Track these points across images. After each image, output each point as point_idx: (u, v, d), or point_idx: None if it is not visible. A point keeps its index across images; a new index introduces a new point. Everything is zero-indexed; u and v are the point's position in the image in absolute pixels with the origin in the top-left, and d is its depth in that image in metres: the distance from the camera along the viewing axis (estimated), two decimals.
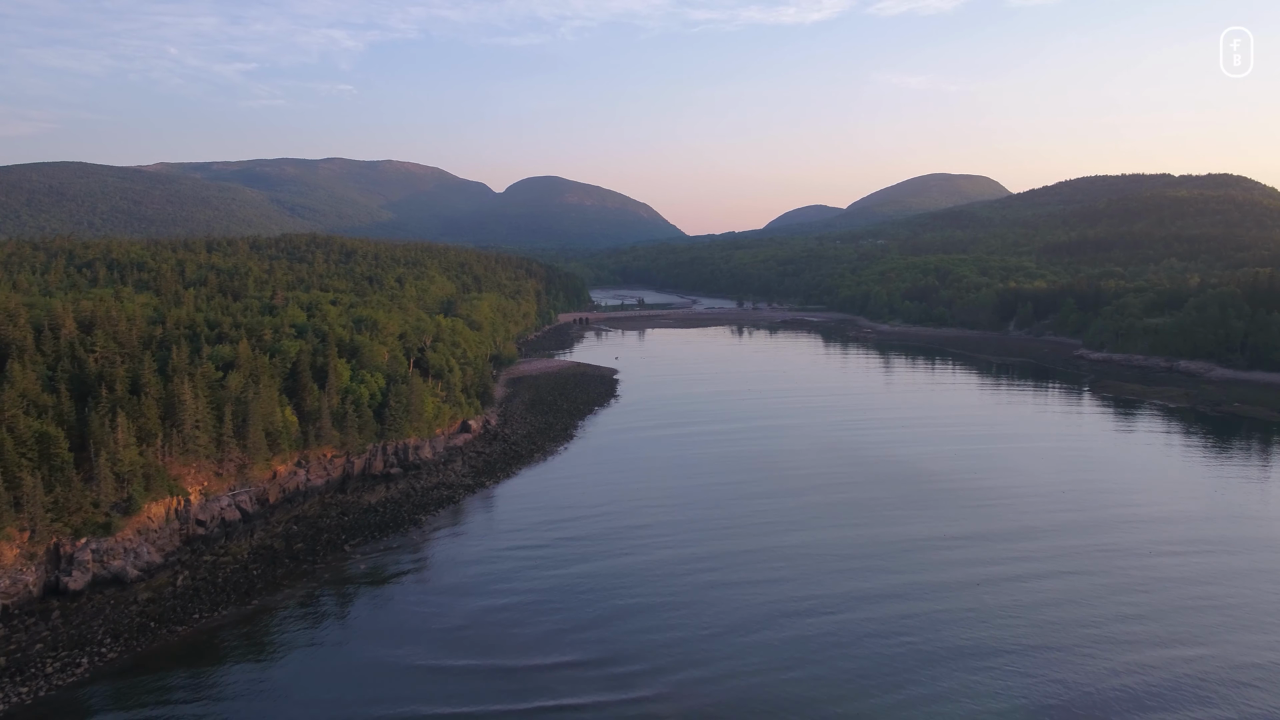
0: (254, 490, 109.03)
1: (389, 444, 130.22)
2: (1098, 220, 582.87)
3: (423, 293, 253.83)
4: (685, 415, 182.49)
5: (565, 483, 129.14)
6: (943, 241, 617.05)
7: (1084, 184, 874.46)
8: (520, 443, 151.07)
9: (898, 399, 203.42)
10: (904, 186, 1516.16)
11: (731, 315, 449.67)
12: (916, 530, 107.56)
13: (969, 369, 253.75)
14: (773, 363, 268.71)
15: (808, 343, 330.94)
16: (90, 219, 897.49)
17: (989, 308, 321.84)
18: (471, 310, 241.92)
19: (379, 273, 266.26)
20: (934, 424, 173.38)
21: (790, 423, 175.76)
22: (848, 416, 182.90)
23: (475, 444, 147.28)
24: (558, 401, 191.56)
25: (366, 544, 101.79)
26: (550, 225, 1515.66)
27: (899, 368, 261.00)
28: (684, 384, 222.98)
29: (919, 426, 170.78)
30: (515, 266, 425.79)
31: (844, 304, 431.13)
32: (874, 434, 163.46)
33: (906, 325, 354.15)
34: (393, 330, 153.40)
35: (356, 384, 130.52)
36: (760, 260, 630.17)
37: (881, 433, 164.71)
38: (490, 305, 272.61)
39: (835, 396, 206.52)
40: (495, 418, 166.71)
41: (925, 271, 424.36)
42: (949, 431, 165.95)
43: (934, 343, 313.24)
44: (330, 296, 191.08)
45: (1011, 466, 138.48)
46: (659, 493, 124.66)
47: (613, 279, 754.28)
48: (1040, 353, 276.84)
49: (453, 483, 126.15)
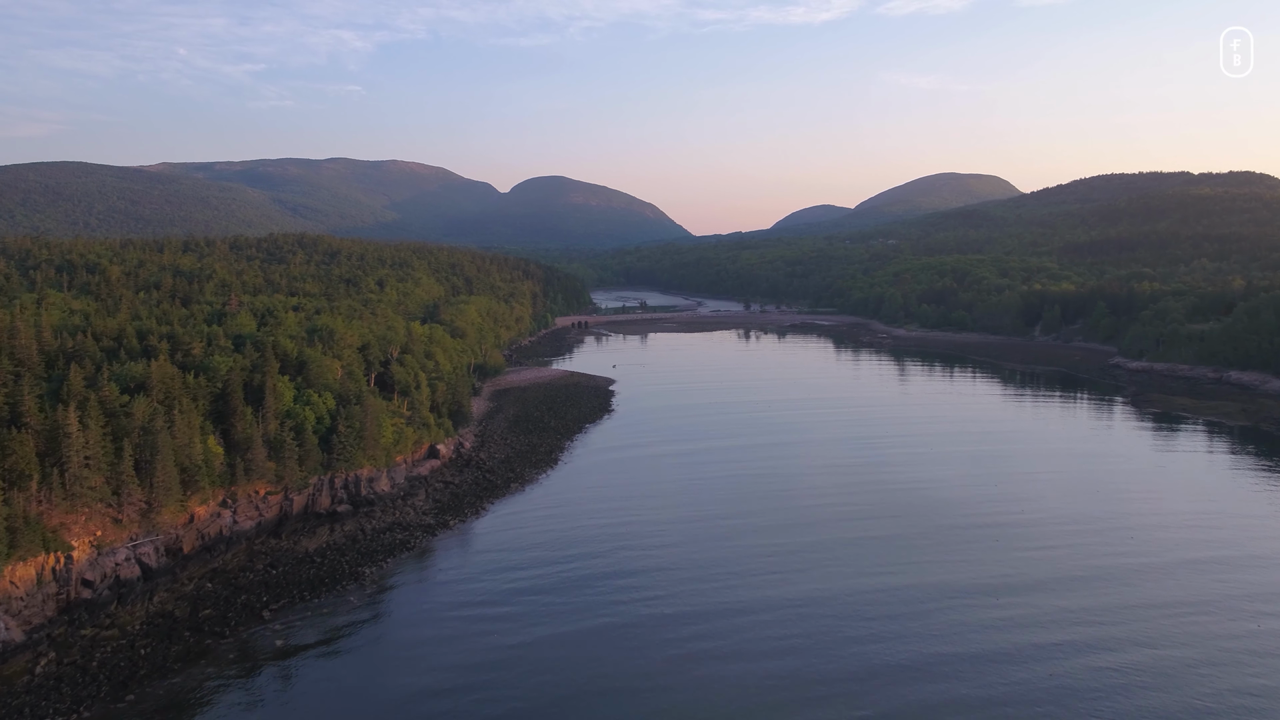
0: (162, 539, 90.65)
1: (337, 476, 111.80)
2: (1118, 219, 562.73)
3: (404, 296, 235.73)
4: (685, 432, 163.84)
5: (541, 520, 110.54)
6: (957, 241, 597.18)
7: (1100, 182, 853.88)
8: (496, 470, 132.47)
9: (919, 412, 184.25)
10: (913, 186, 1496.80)
11: (738, 318, 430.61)
12: (954, 578, 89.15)
13: (995, 378, 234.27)
14: (782, 371, 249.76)
15: (819, 348, 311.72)
16: (86, 219, 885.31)
17: (1013, 311, 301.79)
18: (456, 315, 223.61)
19: (359, 275, 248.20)
20: (962, 442, 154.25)
21: (801, 439, 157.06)
22: (865, 432, 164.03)
23: (443, 472, 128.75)
24: (545, 418, 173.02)
25: (291, 608, 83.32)
26: (555, 225, 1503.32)
27: (918, 376, 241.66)
28: (686, 395, 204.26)
29: (945, 444, 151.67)
30: (512, 268, 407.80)
31: (856, 307, 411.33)
32: (895, 454, 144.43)
33: (924, 330, 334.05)
34: (351, 341, 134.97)
35: (301, 406, 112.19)
36: (768, 261, 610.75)
37: (903, 452, 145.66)
38: (479, 309, 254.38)
39: (851, 409, 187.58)
40: (471, 439, 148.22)
41: (941, 273, 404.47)
42: (980, 451, 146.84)
43: (954, 349, 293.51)
44: (293, 301, 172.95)
45: (1057, 496, 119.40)
46: (648, 529, 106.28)
47: (616, 280, 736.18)
48: (1071, 360, 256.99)
49: (410, 522, 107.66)
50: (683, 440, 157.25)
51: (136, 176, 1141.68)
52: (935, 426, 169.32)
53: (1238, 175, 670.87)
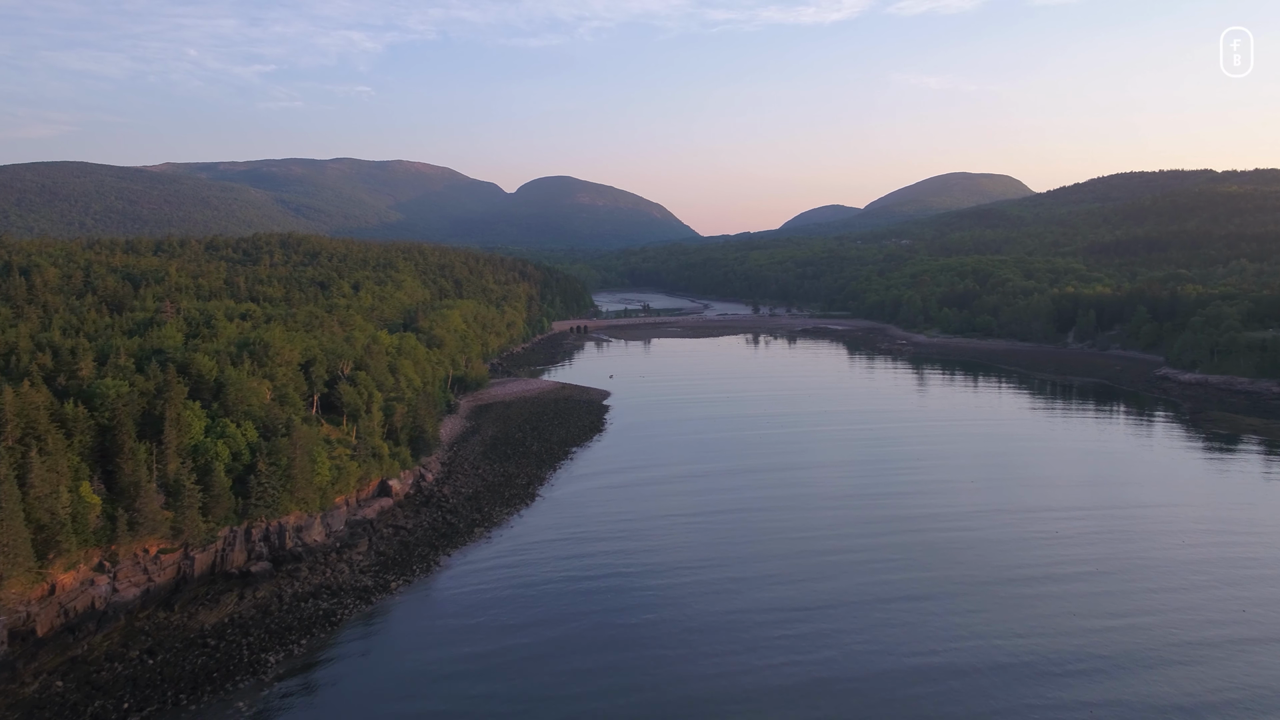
0: (5, 621, 70.57)
1: (256, 526, 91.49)
2: (1143, 218, 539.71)
3: (381, 301, 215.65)
4: (684, 455, 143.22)
5: (504, 578, 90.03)
6: (973, 241, 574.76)
7: (1119, 180, 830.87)
8: (460, 509, 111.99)
9: (949, 430, 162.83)
10: (924, 185, 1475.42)
11: (746, 322, 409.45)
12: (1013, 654, 68.33)
13: (1029, 391, 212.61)
14: (794, 381, 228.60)
15: (833, 356, 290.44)
16: (83, 219, 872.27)
17: (1043, 316, 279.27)
18: (436, 322, 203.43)
19: (334, 278, 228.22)
20: (1001, 467, 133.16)
21: (816, 463, 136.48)
22: (888, 453, 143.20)
23: (395, 514, 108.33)
24: (527, 440, 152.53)
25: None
26: (561, 225, 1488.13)
27: (944, 389, 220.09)
28: (688, 410, 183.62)
29: (982, 469, 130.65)
30: (509, 269, 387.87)
31: (871, 310, 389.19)
32: (925, 482, 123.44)
33: (946, 336, 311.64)
34: (290, 357, 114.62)
35: (213, 440, 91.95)
36: (777, 261, 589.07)
37: (934, 480, 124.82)
38: (464, 315, 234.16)
39: (870, 426, 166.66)
40: (436, 469, 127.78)
41: (962, 274, 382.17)
42: (1024, 477, 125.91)
43: (980, 357, 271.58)
44: (243, 309, 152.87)
45: (1129, 541, 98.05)
46: (632, 586, 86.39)
47: (620, 281, 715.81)
48: (1110, 371, 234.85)
49: (342, 584, 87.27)
50: (680, 465, 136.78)
51: (136, 176, 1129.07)
52: (968, 447, 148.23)
53: (1264, 173, 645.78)
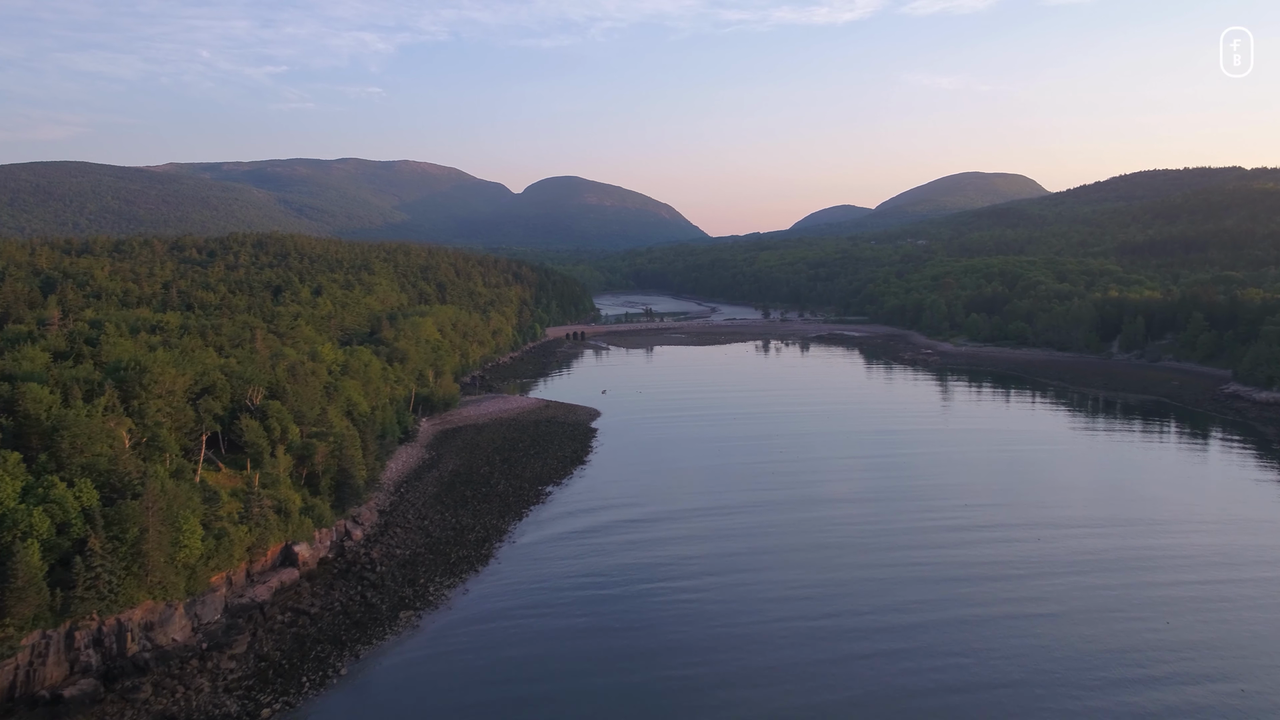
0: None
1: (83, 626, 66.94)
2: (1175, 216, 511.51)
3: (344, 308, 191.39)
4: (679, 493, 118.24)
5: (424, 696, 65.18)
6: (994, 241, 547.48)
7: (1143, 178, 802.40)
8: (389, 580, 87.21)
9: (993, 458, 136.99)
10: (936, 185, 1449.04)
11: (756, 328, 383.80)
12: None
13: (1078, 410, 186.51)
14: (810, 397, 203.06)
15: (851, 366, 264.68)
16: (77, 220, 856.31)
17: (1085, 323, 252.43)
18: (405, 331, 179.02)
19: (293, 280, 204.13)
20: (1069, 509, 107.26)
21: (838, 506, 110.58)
22: (923, 489, 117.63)
23: (298, 592, 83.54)
24: (494, 475, 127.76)
25: None
26: (568, 226, 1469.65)
27: (981, 406, 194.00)
28: (687, 433, 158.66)
29: (1038, 516, 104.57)
30: (502, 270, 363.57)
31: (891, 315, 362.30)
32: (977, 538, 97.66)
33: (975, 344, 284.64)
34: (174, 384, 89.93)
35: (29, 507, 67.50)
36: (788, 263, 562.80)
37: (989, 535, 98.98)
38: (443, 322, 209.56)
39: (902, 449, 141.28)
40: (370, 521, 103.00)
41: (987, 276, 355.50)
42: (1091, 520, 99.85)
43: (1015, 368, 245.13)
44: (156, 319, 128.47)
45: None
46: (604, 713, 61.01)
47: (625, 283, 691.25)
48: (1166, 386, 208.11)
49: (193, 713, 62.68)
50: (675, 503, 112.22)
51: (136, 176, 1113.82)
52: (1022, 480, 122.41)
53: None
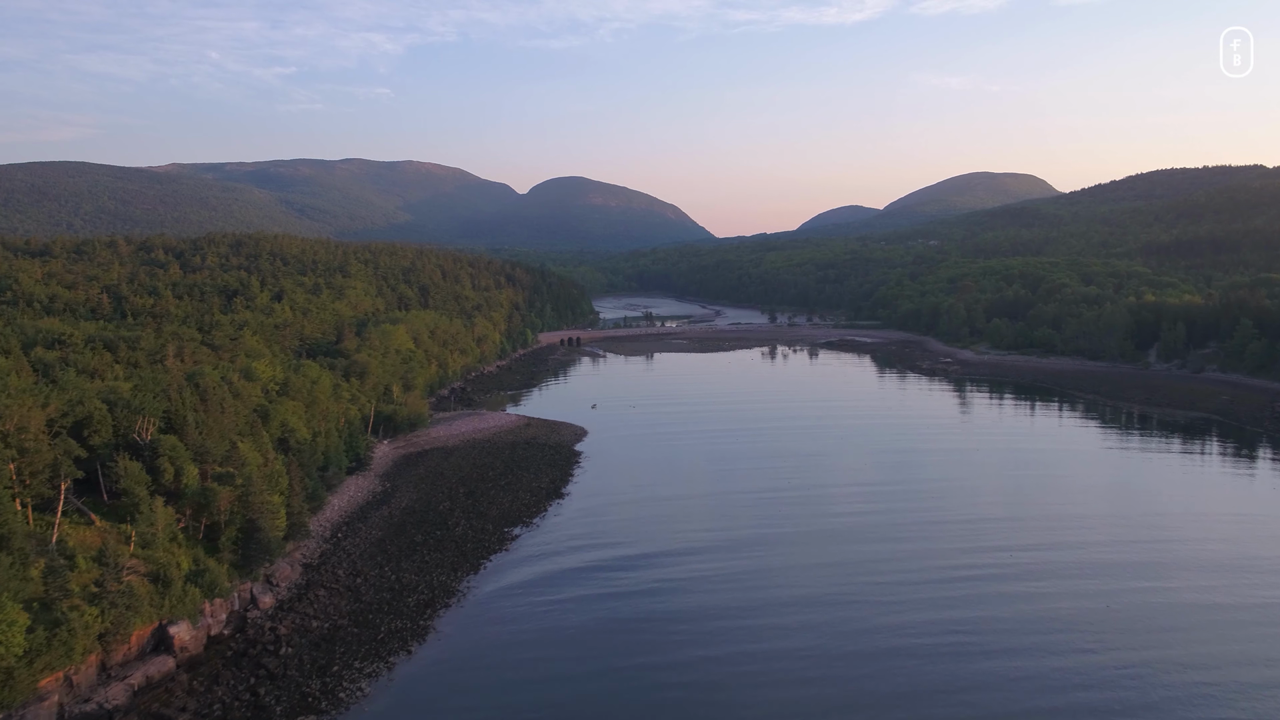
0: None
1: None
2: (1200, 216, 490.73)
3: (305, 315, 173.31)
4: (672, 534, 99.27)
5: None
6: (1009, 241, 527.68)
7: (1161, 177, 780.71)
8: (294, 667, 68.63)
9: (1032, 492, 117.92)
10: (945, 185, 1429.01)
11: (762, 333, 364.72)
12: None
13: (1123, 429, 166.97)
14: (821, 411, 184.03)
15: (866, 376, 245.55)
16: (71, 220, 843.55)
17: (1119, 330, 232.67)
18: (369, 342, 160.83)
19: (253, 285, 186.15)
20: (1123, 567, 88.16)
21: (860, 555, 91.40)
22: (959, 525, 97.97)
23: (169, 690, 64.88)
24: (454, 514, 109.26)
25: None
26: (573, 227, 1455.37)
27: (1015, 424, 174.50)
28: (684, 456, 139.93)
29: (1104, 553, 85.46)
30: (495, 272, 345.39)
31: (905, 320, 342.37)
32: (1025, 580, 78.72)
33: (998, 352, 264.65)
34: (28, 420, 71.63)
35: None
36: (795, 264, 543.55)
37: (1045, 580, 79.99)
38: (416, 330, 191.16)
39: (925, 478, 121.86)
40: (290, 579, 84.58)
41: (1007, 278, 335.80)
42: (1167, 590, 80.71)
43: (1044, 379, 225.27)
44: (59, 331, 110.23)
45: None
46: None
47: (628, 285, 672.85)
48: (1215, 401, 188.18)
49: None
50: (660, 546, 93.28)
51: (135, 177, 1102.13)
52: (1073, 518, 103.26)
53: None
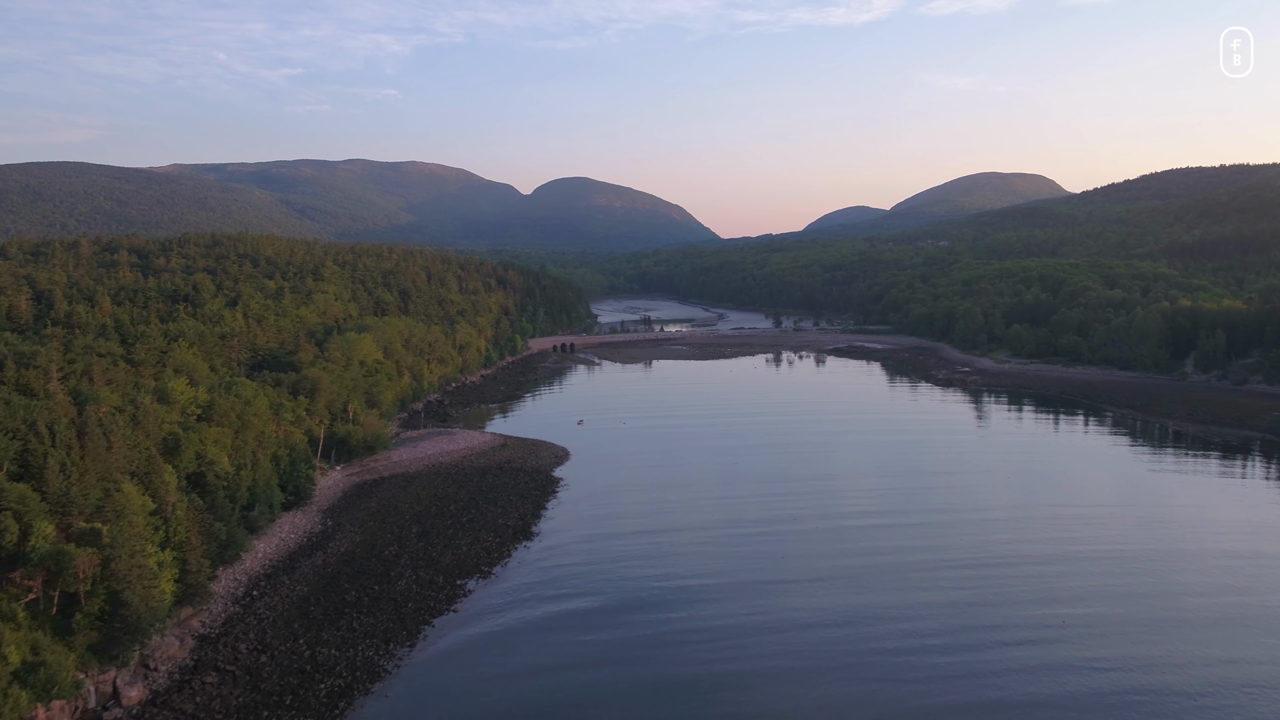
0: None
1: None
2: (1223, 215, 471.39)
3: (259, 323, 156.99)
4: (658, 588, 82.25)
5: None
6: (1022, 242, 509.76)
7: (1177, 176, 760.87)
8: None
9: (1082, 536, 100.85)
10: (953, 185, 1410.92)
11: (767, 338, 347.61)
12: None
13: (1168, 450, 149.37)
14: (832, 426, 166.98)
15: (878, 387, 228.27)
16: (65, 220, 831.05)
17: (1153, 338, 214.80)
18: (329, 354, 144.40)
19: (207, 288, 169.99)
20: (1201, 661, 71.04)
21: (892, 599, 74.40)
22: (1000, 581, 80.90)
23: None
24: (400, 560, 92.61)
25: None
26: (577, 228, 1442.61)
27: (1042, 445, 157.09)
28: (675, 486, 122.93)
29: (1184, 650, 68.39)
30: (486, 274, 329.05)
31: (918, 325, 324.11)
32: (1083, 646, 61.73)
33: (1020, 361, 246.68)
34: None
35: None
36: (802, 265, 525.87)
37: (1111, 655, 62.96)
38: (387, 338, 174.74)
39: (955, 509, 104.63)
40: (171, 662, 67.89)
41: (1025, 281, 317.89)
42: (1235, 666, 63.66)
43: (1072, 390, 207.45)
44: None
45: None
46: None
47: (629, 287, 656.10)
48: (1267, 418, 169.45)
49: None
50: (642, 596, 76.40)
51: (133, 177, 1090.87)
52: (1136, 576, 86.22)
53: None
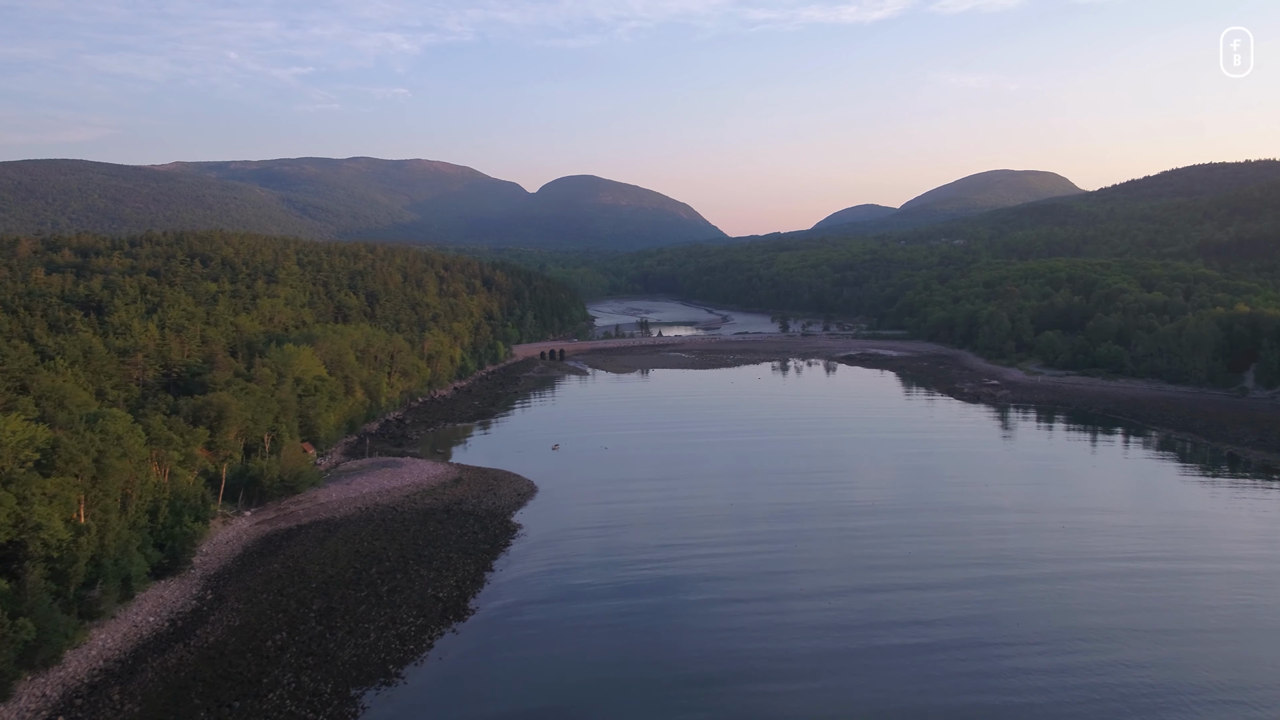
0: None
1: None
2: (1257, 212, 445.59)
3: (178, 333, 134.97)
4: (617, 696, 60.02)
5: None
6: (1044, 241, 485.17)
7: (1200, 172, 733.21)
8: None
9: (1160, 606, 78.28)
10: (965, 183, 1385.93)
11: (772, 343, 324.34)
12: None
13: (1240, 484, 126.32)
14: (845, 452, 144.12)
15: (896, 402, 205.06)
16: (57, 218, 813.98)
17: (1206, 347, 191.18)
18: (253, 375, 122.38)
19: (123, 293, 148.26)
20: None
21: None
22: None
23: None
24: (281, 658, 70.34)
25: None
26: (583, 226, 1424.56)
27: (1088, 476, 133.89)
28: (656, 531, 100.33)
29: None
30: (471, 275, 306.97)
31: (936, 330, 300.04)
32: None
33: (1054, 372, 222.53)
34: None
35: None
36: (810, 265, 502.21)
37: None
38: (337, 350, 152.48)
39: (1001, 568, 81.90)
40: None
41: (1053, 282, 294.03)
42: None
43: (1117, 407, 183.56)
44: None
45: None
46: None
47: (632, 287, 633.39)
48: None
49: None
50: (597, 704, 54.28)
51: (131, 175, 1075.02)
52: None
53: None
